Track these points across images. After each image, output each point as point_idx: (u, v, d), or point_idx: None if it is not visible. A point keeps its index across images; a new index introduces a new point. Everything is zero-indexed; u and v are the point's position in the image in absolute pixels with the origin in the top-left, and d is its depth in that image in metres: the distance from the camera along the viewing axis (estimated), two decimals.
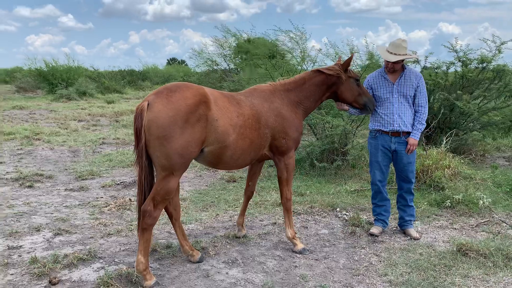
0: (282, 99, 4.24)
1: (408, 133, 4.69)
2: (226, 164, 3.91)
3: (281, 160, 4.27)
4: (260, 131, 3.99)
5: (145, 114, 3.37)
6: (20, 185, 6.60)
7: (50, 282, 3.58)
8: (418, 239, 4.74)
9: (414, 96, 4.68)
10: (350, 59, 4.43)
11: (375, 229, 4.87)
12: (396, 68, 4.69)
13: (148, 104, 3.40)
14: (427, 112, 4.70)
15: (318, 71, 4.43)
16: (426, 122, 7.82)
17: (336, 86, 4.45)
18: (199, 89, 3.60)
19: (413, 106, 4.71)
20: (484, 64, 8.24)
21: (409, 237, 4.79)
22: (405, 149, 4.68)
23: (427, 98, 4.72)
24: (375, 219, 5.01)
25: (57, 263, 3.90)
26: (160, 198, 3.52)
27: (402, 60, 4.64)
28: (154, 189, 3.53)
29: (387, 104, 4.69)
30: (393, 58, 4.56)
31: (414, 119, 4.70)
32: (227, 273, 3.90)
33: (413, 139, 4.64)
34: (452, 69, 8.63)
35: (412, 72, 4.74)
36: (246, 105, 3.94)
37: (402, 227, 4.95)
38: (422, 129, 4.70)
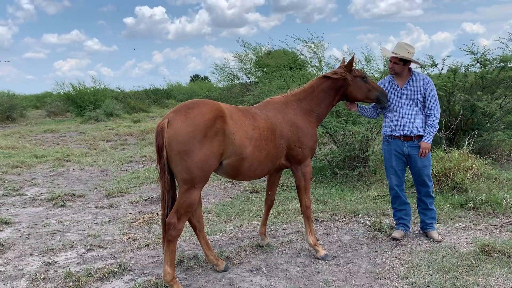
0: (295, 109, 4.37)
1: (421, 137, 4.73)
2: (245, 175, 4.05)
3: (298, 168, 4.39)
4: (276, 142, 4.12)
5: (166, 131, 3.56)
6: (54, 205, 6.91)
7: None
8: (440, 241, 4.75)
9: (424, 100, 4.73)
10: (352, 59, 4.50)
11: (397, 233, 4.91)
12: (397, 70, 4.76)
13: (168, 122, 3.59)
14: (438, 115, 4.73)
15: (325, 77, 4.55)
16: (446, 124, 7.88)
17: (344, 88, 4.55)
18: (215, 105, 3.78)
19: (424, 109, 4.76)
20: (503, 64, 8.17)
21: (431, 240, 4.81)
22: (418, 153, 4.73)
23: (437, 101, 4.75)
24: (396, 224, 5.05)
25: (90, 276, 4.11)
26: (183, 210, 3.68)
27: (405, 64, 4.73)
28: (177, 202, 3.70)
29: (396, 109, 4.77)
30: (389, 54, 4.73)
31: (425, 122, 4.74)
32: (251, 280, 4.02)
33: (426, 143, 4.68)
34: (472, 70, 8.60)
35: (419, 76, 4.80)
36: (261, 118, 4.10)
37: (424, 230, 4.98)
38: (434, 132, 4.72)
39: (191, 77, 51.49)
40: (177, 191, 3.82)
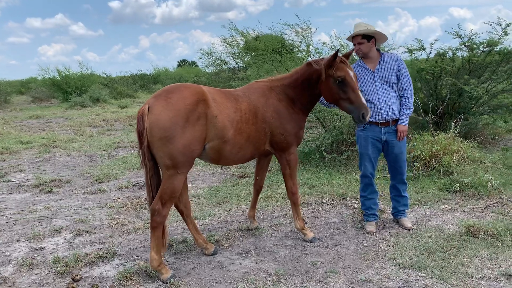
0: (278, 94, 4.21)
1: (397, 122, 4.59)
2: (227, 159, 3.99)
3: (282, 156, 4.30)
4: (258, 125, 4.04)
5: (146, 117, 3.50)
6: (40, 191, 6.85)
7: (72, 279, 3.77)
8: (411, 229, 4.67)
9: (398, 80, 4.59)
10: (334, 55, 3.98)
11: (371, 227, 4.73)
12: (364, 50, 4.54)
13: (148, 107, 3.53)
14: (412, 95, 4.59)
15: (309, 64, 4.22)
16: (433, 108, 7.93)
17: (318, 83, 4.15)
18: (197, 88, 3.71)
19: (398, 91, 4.61)
20: (490, 48, 8.21)
21: (414, 224, 4.85)
22: (396, 138, 4.60)
23: (411, 81, 4.61)
24: (365, 214, 4.89)
25: (78, 261, 4.09)
26: (167, 196, 3.64)
27: (369, 41, 4.51)
28: (160, 188, 3.65)
29: (371, 93, 4.58)
30: (352, 34, 4.52)
31: (400, 104, 4.60)
32: (240, 263, 4.05)
33: (403, 126, 4.54)
34: (459, 54, 8.64)
35: (390, 57, 4.64)
36: (243, 100, 4.02)
37: (396, 216, 4.90)
38: (410, 114, 4.59)
39: (178, 62, 50.92)
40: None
